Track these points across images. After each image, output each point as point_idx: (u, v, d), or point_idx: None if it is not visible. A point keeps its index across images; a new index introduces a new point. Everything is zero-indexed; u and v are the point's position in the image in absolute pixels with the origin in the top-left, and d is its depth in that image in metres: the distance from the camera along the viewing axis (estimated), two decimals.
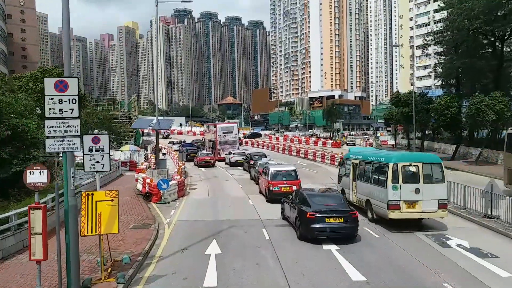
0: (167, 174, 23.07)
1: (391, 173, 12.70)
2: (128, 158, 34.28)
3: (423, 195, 12.63)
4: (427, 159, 13.51)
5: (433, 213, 12.91)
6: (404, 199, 12.57)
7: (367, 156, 15.23)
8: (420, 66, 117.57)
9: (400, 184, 12.60)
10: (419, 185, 12.66)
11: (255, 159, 29.84)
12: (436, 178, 13.04)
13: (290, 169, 18.58)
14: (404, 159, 13.14)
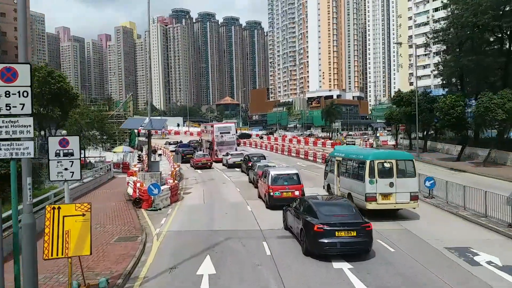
0: (160, 178, 21.57)
1: (368, 169, 14.08)
2: (121, 159, 32.72)
3: (396, 188, 14.07)
4: (400, 156, 15.16)
5: (406, 204, 14.47)
6: (379, 191, 13.98)
7: (349, 154, 16.69)
8: (420, 66, 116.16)
9: (376, 179, 14.02)
10: (393, 180, 14.09)
11: (253, 161, 28.39)
12: (409, 173, 14.56)
13: (292, 172, 17.07)
14: (380, 157, 14.74)
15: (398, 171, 14.24)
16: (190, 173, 32.09)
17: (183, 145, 49.04)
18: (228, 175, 29.72)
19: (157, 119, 23.27)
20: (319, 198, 12.20)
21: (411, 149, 48.55)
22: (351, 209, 10.80)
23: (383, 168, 14.35)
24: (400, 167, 14.44)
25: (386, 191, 14.01)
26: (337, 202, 11.60)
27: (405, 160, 14.81)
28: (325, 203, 11.42)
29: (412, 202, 14.34)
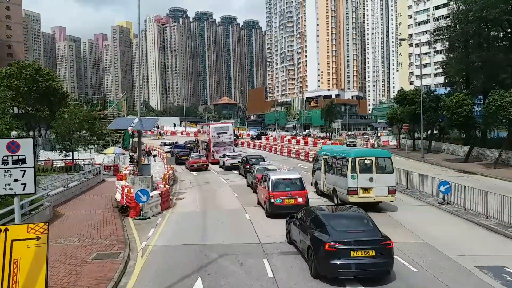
0: (151, 182, 19.94)
1: (351, 165, 15.54)
2: (112, 161, 31.06)
3: (376, 183, 15.48)
4: (379, 154, 16.74)
5: (384, 197, 15.84)
6: (360, 186, 15.42)
7: (334, 153, 18.15)
8: (419, 65, 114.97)
9: (357, 174, 15.47)
10: (372, 175, 15.49)
11: (252, 163, 26.82)
12: (387, 169, 15.94)
13: (294, 177, 15.45)
14: (361, 154, 16.16)
15: (377, 167, 15.75)
16: (185, 176, 30.49)
17: (179, 146, 47.36)
18: (225, 178, 28.13)
19: (147, 119, 21.63)
20: (328, 209, 10.59)
21: (414, 149, 47.11)
22: (368, 222, 9.19)
23: (364, 165, 15.76)
24: (379, 164, 15.93)
25: (367, 185, 15.47)
26: (350, 214, 9.95)
27: (384, 157, 16.35)
28: (337, 215, 9.79)
29: (390, 196, 15.87)
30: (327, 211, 10.06)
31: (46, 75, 34.54)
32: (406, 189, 20.49)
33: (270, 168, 21.79)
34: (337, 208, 10.50)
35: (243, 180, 26.03)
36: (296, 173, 16.36)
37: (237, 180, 26.84)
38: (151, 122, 20.49)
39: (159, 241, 12.28)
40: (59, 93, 35.18)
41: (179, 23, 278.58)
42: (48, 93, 34.05)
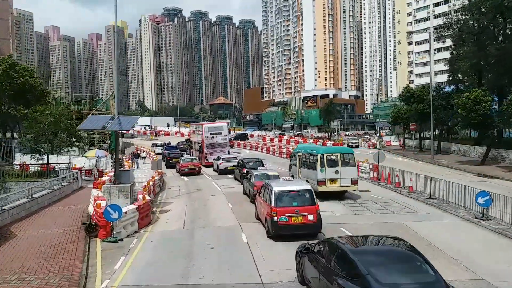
0: (131, 192, 16.89)
1: (319, 160, 17.81)
2: (94, 165, 27.92)
3: (340, 175, 17.72)
4: (344, 150, 19.75)
5: (348, 187, 18.05)
6: (328, 177, 17.64)
7: (307, 150, 20.72)
8: (420, 63, 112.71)
9: (325, 168, 17.67)
10: (338, 168, 17.73)
11: (249, 167, 23.83)
12: (350, 163, 18.26)
13: (302, 188, 12.41)
14: (328, 151, 18.74)
15: (342, 162, 18.10)
16: (175, 181, 27.44)
17: (170, 147, 44.27)
18: (218, 183, 25.10)
19: (126, 118, 18.52)
20: (359, 241, 7.51)
21: (421, 150, 44.30)
22: (423, 266, 6.11)
23: (330, 159, 18.11)
24: (344, 159, 18.31)
25: (333, 177, 17.77)
26: (394, 250, 6.74)
27: (348, 153, 18.95)
28: (376, 253, 6.65)
29: (353, 185, 18.24)
30: (359, 247, 7.02)
31: (22, 70, 31.33)
32: (429, 198, 17.57)
33: (270, 174, 18.78)
34: (372, 241, 7.41)
35: (239, 186, 23.02)
36: (303, 183, 13.30)
37: (233, 186, 23.83)
38: (130, 121, 17.42)
39: (126, 279, 9.18)
40: (37, 91, 31.96)
41: (174, 23, 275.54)
42: (24, 90, 30.84)
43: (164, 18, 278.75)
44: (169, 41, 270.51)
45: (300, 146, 27.26)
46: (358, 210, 16.11)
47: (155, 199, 20.20)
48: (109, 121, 16.57)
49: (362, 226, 13.36)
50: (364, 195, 19.41)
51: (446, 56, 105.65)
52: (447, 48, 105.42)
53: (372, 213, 15.59)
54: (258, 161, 25.35)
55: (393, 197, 18.82)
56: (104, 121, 16.52)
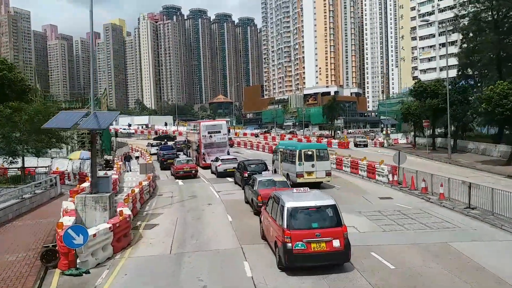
0: (111, 204, 13.98)
1: (298, 155, 20.29)
2: (78, 168, 24.98)
3: (316, 168, 20.30)
4: (319, 146, 24.16)
5: (323, 178, 20.66)
6: (305, 170, 20.14)
7: (287, 146, 23.15)
8: (424, 59, 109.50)
9: (303, 162, 20.17)
10: (314, 162, 20.32)
11: (250, 170, 20.93)
12: (324, 158, 20.98)
13: (324, 203, 9.41)
14: (305, 147, 22.03)
15: (317, 156, 20.32)
16: (168, 185, 24.54)
17: (166, 147, 41.33)
18: (216, 188, 22.20)
19: (104, 114, 15.48)
20: None
21: (434, 148, 41.31)
22: None
23: (307, 154, 20.14)
24: (319, 154, 20.56)
25: (310, 170, 19.95)
26: None
27: (322, 149, 21.53)
28: None
29: (327, 177, 20.61)
30: None
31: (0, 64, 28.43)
32: (467, 208, 14.65)
33: (276, 180, 15.82)
34: None
35: (239, 192, 20.13)
36: (324, 195, 10.27)
37: (232, 191, 20.93)
38: (108, 117, 14.43)
39: None
40: (17, 86, 29.03)
41: (173, 21, 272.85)
42: (2, 85, 27.92)
43: (163, 16, 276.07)
44: (168, 39, 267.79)
45: (281, 142, 30.06)
46: (385, 224, 13.19)
47: (142, 209, 17.32)
48: (82, 118, 13.62)
49: (398, 249, 10.46)
50: (387, 204, 16.51)
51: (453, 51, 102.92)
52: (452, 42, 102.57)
53: (404, 228, 12.68)
54: (261, 163, 22.39)
55: (422, 206, 15.90)
56: (76, 118, 13.55)
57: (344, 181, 23.05)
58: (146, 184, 19.58)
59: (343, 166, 26.91)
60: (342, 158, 27.77)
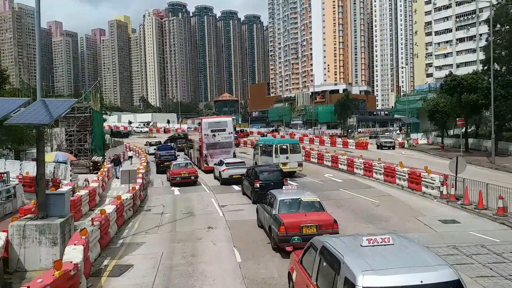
0: (63, 234, 9.42)
1: (274, 149, 23.52)
2: (51, 173, 20.47)
3: (290, 160, 23.44)
4: (292, 141, 27.18)
5: (295, 168, 23.75)
6: (281, 162, 22.78)
7: (266, 142, 26.66)
8: (440, 55, 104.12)
9: (278, 154, 23.33)
10: (288, 155, 23.51)
11: (263, 178, 16.29)
12: (297, 151, 24.30)
13: (432, 279, 4.65)
14: (280, 142, 25.39)
15: (291, 150, 23.86)
16: (161, 195, 19.95)
17: (164, 147, 36.72)
18: (220, 201, 17.57)
19: (54, 101, 10.70)
20: None
21: (467, 150, 36.35)
22: None
23: (282, 148, 23.75)
24: (293, 147, 24.19)
25: (284, 161, 23.21)
26: None
27: (295, 143, 25.46)
28: None
29: (299, 167, 23.99)
30: None
31: None
32: None
33: (305, 201, 10.96)
34: None
35: (249, 208, 15.54)
36: (427, 255, 5.42)
37: (240, 206, 16.29)
38: (61, 107, 9.76)
39: None
40: None
41: (179, 17, 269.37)
42: None
43: (168, 13, 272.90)
44: (173, 36, 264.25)
45: (261, 139, 32.51)
46: (481, 276, 8.46)
47: (118, 234, 12.72)
48: (19, 108, 9.04)
49: None
50: (456, 232, 11.77)
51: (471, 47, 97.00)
52: (470, 38, 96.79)
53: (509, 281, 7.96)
54: (277, 171, 17.58)
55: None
56: (10, 107, 8.99)
57: (380, 193, 18.30)
58: (128, 197, 14.95)
59: (374, 172, 22.13)
60: (371, 162, 22.98)
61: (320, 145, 48.29)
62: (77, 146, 34.68)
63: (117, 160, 26.74)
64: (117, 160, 26.82)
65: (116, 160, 26.70)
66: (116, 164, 25.91)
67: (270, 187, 15.95)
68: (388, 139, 41.46)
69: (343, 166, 26.17)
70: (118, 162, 26.30)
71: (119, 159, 26.96)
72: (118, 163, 26.31)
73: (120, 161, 26.87)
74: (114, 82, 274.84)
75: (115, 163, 26.10)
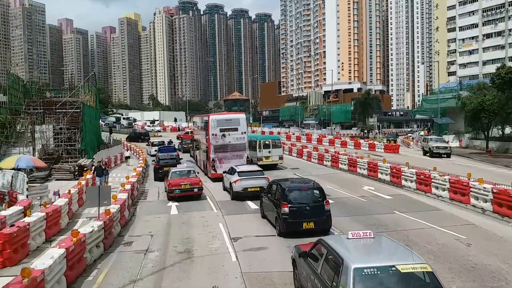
0: None
1: (258, 144, 26.55)
2: (8, 184, 15.54)
3: (272, 154, 26.66)
4: (274, 138, 31.32)
5: (277, 161, 26.88)
6: (263, 156, 26.46)
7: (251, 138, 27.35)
8: (465, 51, 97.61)
9: (262, 149, 26.55)
10: (270, 149, 26.69)
11: (296, 202, 11.10)
12: (278, 146, 27.38)
13: None
14: (263, 139, 28.66)
15: (273, 145, 26.98)
16: (151, 216, 14.85)
17: (166, 148, 31.65)
18: (231, 228, 12.43)
19: None
20: None
21: None
22: None
23: (265, 144, 26.91)
24: (274, 143, 27.36)
25: (267, 155, 26.54)
26: None
27: (276, 139, 28.70)
28: None
29: (280, 160, 27.12)
30: None
31: None
32: None
33: (411, 271, 5.67)
34: None
35: (275, 244, 10.42)
36: None
37: (261, 241, 11.10)
38: None
39: None
40: None
41: (189, 15, 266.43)
42: None
43: (179, 10, 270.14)
44: (183, 34, 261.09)
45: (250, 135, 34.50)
46: None
47: None
48: None
49: None
50: None
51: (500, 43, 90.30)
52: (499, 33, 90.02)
53: None
54: (314, 189, 12.16)
55: None
56: None
57: (457, 220, 12.95)
58: (95, 229, 9.85)
59: (434, 187, 16.76)
60: (427, 173, 17.59)
61: (342, 147, 42.99)
62: (65, 147, 29.87)
63: (100, 169, 20.64)
64: (100, 169, 20.68)
65: (98, 169, 20.65)
66: (100, 174, 20.32)
67: (306, 213, 10.82)
68: (442, 143, 33.56)
69: (385, 176, 20.78)
70: (101, 172, 20.45)
71: (102, 168, 20.89)
72: (102, 173, 20.44)
73: (104, 171, 20.84)
74: (124, 80, 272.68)
75: (98, 172, 20.38)
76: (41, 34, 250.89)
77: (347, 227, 11.77)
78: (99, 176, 20.02)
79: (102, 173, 20.23)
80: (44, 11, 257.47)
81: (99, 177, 19.97)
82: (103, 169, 20.35)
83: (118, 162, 33.65)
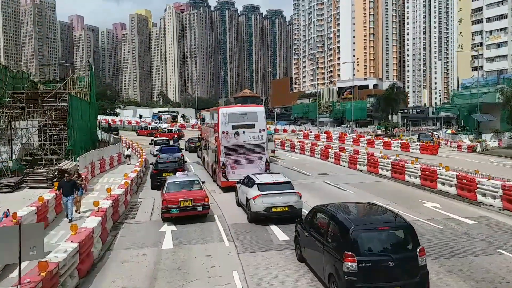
0: None
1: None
2: None
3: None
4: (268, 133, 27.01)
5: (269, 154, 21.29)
6: None
7: None
8: (492, 44, 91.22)
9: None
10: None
11: (368, 253, 6.10)
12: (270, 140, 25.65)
13: None
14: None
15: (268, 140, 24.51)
16: (136, 249, 10.09)
17: (169, 148, 26.97)
18: (251, 280, 7.68)
19: None
20: None
21: None
22: None
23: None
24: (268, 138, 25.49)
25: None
26: None
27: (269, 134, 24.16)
28: None
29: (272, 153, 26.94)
30: None
31: None
32: None
33: None
34: None
35: None
36: None
37: None
38: None
39: None
40: None
41: (200, 11, 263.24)
42: None
43: (189, 6, 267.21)
44: (194, 30, 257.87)
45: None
46: None
47: None
48: None
49: None
50: None
51: None
52: None
53: None
54: (399, 228, 7.28)
55: None
56: None
57: None
58: None
59: (483, 194, 11.73)
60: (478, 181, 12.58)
61: (368, 147, 37.88)
62: (50, 146, 25.39)
63: (68, 184, 13.67)
64: (67, 184, 13.67)
65: (66, 185, 13.66)
66: (67, 192, 13.45)
67: (388, 272, 5.95)
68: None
69: (448, 188, 15.74)
70: (70, 189, 13.50)
71: (73, 182, 13.97)
72: (71, 190, 13.50)
73: (76, 183, 14.04)
74: (134, 77, 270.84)
75: (65, 189, 13.53)
76: (51, 31, 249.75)
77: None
78: (66, 194, 13.41)
79: (72, 190, 13.48)
80: (54, 7, 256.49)
81: (66, 196, 13.44)
82: (73, 184, 13.73)
83: (115, 164, 29.04)
